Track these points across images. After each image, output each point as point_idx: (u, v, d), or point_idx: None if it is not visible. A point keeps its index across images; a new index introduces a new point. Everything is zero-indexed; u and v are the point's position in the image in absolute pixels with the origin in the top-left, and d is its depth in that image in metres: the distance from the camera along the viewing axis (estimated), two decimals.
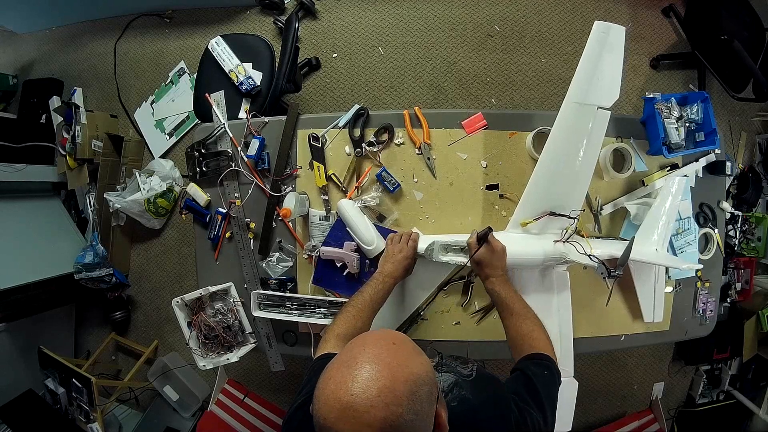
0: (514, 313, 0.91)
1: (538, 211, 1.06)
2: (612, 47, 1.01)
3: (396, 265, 1.01)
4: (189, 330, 1.25)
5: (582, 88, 1.01)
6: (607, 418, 2.23)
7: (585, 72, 1.01)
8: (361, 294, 0.96)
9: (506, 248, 0.98)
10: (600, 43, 1.01)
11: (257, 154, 1.21)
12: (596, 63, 1.01)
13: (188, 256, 2.31)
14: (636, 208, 1.18)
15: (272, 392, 2.24)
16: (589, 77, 1.01)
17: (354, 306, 0.93)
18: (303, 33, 2.20)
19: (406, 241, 1.06)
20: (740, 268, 2.00)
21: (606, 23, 1.01)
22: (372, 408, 0.46)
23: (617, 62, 1.02)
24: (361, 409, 0.46)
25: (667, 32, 2.18)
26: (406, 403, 0.48)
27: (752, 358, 2.13)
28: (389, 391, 0.48)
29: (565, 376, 1.08)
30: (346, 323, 0.90)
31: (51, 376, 2.05)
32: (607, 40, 1.01)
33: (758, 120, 2.20)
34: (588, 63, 1.01)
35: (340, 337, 0.87)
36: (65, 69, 2.53)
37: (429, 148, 1.19)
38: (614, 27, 1.01)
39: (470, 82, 2.15)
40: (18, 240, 2.07)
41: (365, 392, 0.47)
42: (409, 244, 1.05)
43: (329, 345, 0.86)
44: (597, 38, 1.01)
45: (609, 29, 1.01)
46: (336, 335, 0.88)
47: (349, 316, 0.91)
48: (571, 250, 1.03)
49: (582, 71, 1.01)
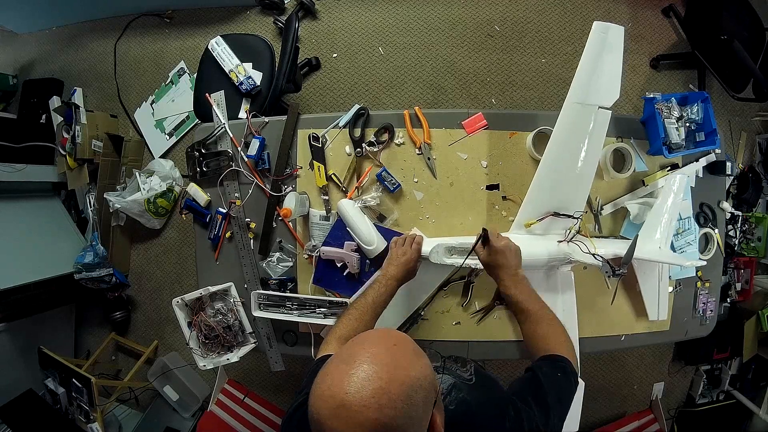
0: (530, 315, 0.88)
1: (542, 211, 1.06)
2: (611, 47, 1.02)
3: (399, 267, 1.00)
4: (189, 330, 1.25)
5: (582, 89, 1.02)
6: (607, 418, 2.23)
7: (585, 72, 1.02)
8: (363, 297, 0.96)
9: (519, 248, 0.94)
10: (599, 43, 1.01)
11: (257, 154, 1.21)
12: (596, 63, 1.01)
13: (188, 256, 2.31)
14: (637, 207, 1.18)
15: (272, 392, 2.24)
16: (589, 77, 1.02)
17: (356, 308, 0.93)
18: (303, 33, 2.20)
19: (410, 244, 1.05)
20: (740, 268, 2.00)
21: (605, 23, 1.01)
22: (365, 408, 0.46)
23: (617, 62, 1.03)
24: (354, 408, 0.46)
25: (667, 32, 2.18)
26: (400, 406, 0.47)
27: (752, 358, 2.13)
28: (384, 392, 0.47)
29: None
30: (348, 325, 0.90)
31: (51, 376, 2.05)
32: (607, 40, 1.01)
33: (758, 120, 2.21)
34: (588, 63, 1.01)
35: (342, 339, 0.87)
36: (65, 69, 2.53)
37: (429, 148, 1.19)
38: (613, 27, 1.01)
39: (470, 82, 2.15)
40: (18, 240, 2.07)
41: (360, 392, 0.47)
42: (413, 247, 1.04)
43: (331, 347, 0.86)
44: (596, 38, 1.01)
45: (608, 29, 1.01)
46: (338, 337, 0.88)
47: (351, 319, 0.91)
48: (575, 249, 1.04)
49: (582, 72, 1.02)
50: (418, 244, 1.05)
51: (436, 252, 1.03)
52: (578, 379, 0.80)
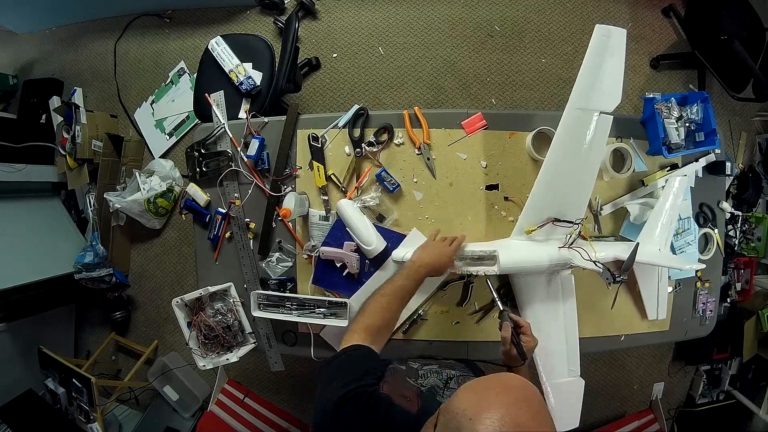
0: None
1: (542, 217, 1.06)
2: (613, 51, 1.01)
3: (433, 257, 0.97)
4: (189, 330, 1.25)
5: (584, 94, 1.01)
6: (607, 418, 2.23)
7: (587, 77, 1.01)
8: (391, 283, 0.91)
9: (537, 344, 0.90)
10: (601, 47, 1.00)
11: (257, 154, 1.21)
12: (598, 67, 1.01)
13: (188, 256, 2.31)
14: (637, 208, 1.18)
15: (272, 392, 2.24)
16: (591, 82, 1.01)
17: (384, 295, 0.88)
18: (303, 33, 2.20)
19: (450, 241, 1.03)
20: (740, 268, 2.00)
21: (607, 27, 1.00)
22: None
23: (619, 66, 1.02)
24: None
25: (667, 32, 2.18)
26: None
27: (752, 358, 2.13)
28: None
29: (573, 376, 1.12)
30: (375, 314, 0.86)
31: (51, 376, 2.05)
32: (609, 43, 1.00)
33: (758, 120, 2.20)
34: (590, 68, 1.01)
35: (369, 329, 0.83)
36: (65, 69, 2.53)
37: (429, 148, 1.19)
38: (615, 30, 1.00)
39: (470, 82, 2.15)
40: (18, 240, 2.07)
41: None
42: (453, 245, 1.02)
43: (357, 336, 0.82)
44: (598, 42, 1.00)
45: (610, 32, 1.00)
46: (365, 326, 0.83)
47: (378, 307, 0.87)
48: (576, 255, 1.04)
49: (584, 76, 1.01)
50: (458, 242, 1.03)
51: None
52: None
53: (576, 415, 1.13)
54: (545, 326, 1.12)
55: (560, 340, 1.13)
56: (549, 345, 1.12)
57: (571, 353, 1.13)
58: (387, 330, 0.88)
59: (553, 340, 1.13)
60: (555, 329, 1.13)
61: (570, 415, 1.14)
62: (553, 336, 1.13)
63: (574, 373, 1.14)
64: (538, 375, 1.13)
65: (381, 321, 0.86)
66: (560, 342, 1.13)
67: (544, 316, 1.12)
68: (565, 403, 1.14)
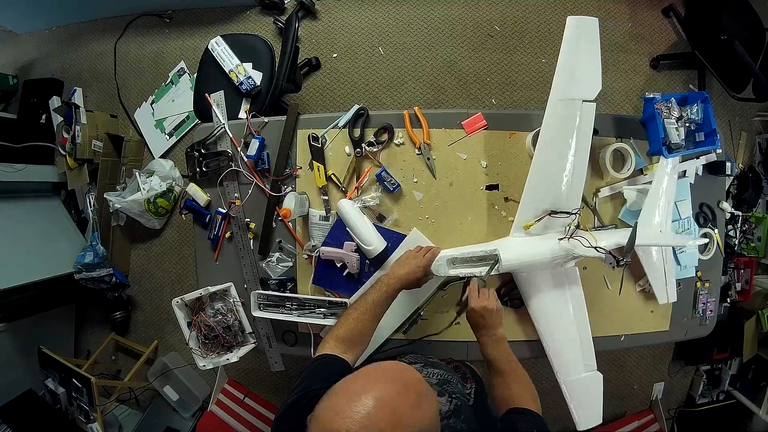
0: (505, 375, 0.90)
1: (539, 212, 1.06)
2: (588, 39, 1.03)
3: (406, 269, 0.98)
4: (189, 330, 1.24)
5: (564, 85, 1.03)
6: (607, 418, 2.22)
7: (564, 68, 1.03)
8: (364, 297, 0.95)
9: (502, 309, 0.96)
10: (575, 37, 1.02)
11: (257, 154, 1.21)
12: (574, 57, 1.03)
13: (188, 256, 2.31)
14: (634, 194, 1.18)
15: (272, 392, 2.25)
16: (569, 73, 1.03)
17: (356, 309, 0.93)
18: (303, 33, 2.20)
19: (424, 252, 1.03)
20: (740, 268, 2.00)
21: (579, 17, 1.03)
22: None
23: (595, 53, 1.04)
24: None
25: (667, 32, 2.18)
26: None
27: (752, 358, 2.13)
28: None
29: (589, 371, 1.13)
30: (348, 326, 0.90)
31: (51, 376, 2.05)
32: (582, 33, 1.02)
33: (758, 120, 2.20)
34: (566, 58, 1.03)
35: (340, 339, 0.88)
36: (65, 69, 2.53)
37: (429, 148, 1.19)
38: (587, 19, 1.03)
39: (470, 82, 2.15)
40: (18, 240, 2.07)
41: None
42: (426, 256, 1.02)
43: (328, 346, 0.86)
44: (572, 33, 1.02)
45: (581, 22, 1.03)
46: (336, 337, 0.88)
47: (350, 320, 0.91)
48: (577, 245, 1.03)
49: (561, 67, 1.03)
50: (432, 254, 1.03)
51: (439, 265, 1.04)
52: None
53: (598, 411, 1.15)
54: (555, 321, 1.12)
55: (572, 333, 1.13)
56: (561, 339, 1.13)
57: (585, 345, 1.13)
58: (361, 341, 0.91)
59: (565, 333, 1.13)
60: (565, 323, 1.13)
61: (592, 412, 1.15)
62: (565, 329, 1.13)
63: (590, 368, 1.14)
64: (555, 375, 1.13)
65: (351, 333, 0.89)
66: (572, 335, 1.13)
67: (553, 311, 1.13)
68: (585, 400, 1.15)
